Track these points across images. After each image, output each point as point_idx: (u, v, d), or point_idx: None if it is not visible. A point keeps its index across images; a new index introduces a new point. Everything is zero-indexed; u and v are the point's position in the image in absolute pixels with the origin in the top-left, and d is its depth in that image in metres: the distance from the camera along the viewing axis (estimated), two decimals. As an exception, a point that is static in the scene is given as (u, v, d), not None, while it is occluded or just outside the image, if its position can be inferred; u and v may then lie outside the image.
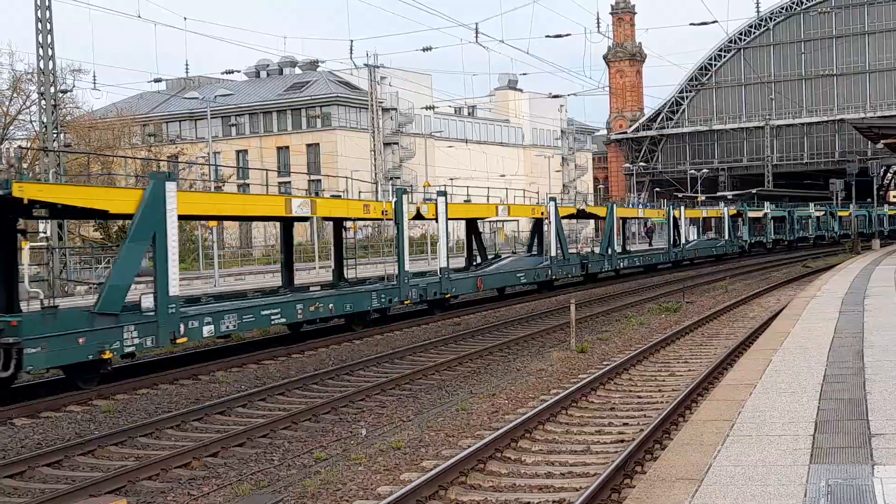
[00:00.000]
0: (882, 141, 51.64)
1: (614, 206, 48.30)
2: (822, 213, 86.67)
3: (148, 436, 14.59)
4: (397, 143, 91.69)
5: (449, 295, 31.69)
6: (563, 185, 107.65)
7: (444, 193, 32.63)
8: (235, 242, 79.77)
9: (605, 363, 19.50)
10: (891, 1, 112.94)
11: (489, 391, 17.05)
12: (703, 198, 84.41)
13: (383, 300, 27.79)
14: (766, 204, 75.31)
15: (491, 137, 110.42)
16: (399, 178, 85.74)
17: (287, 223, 28.54)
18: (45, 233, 40.09)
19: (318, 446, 13.61)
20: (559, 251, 40.15)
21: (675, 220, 56.46)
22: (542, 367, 19.42)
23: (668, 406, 14.29)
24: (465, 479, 11.13)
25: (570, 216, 46.50)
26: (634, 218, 61.57)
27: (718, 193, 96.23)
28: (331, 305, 25.49)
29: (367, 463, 12.08)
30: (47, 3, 37.92)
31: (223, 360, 21.82)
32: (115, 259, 19.44)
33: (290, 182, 76.98)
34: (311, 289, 28.26)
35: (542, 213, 40.11)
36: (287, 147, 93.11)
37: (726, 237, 63.98)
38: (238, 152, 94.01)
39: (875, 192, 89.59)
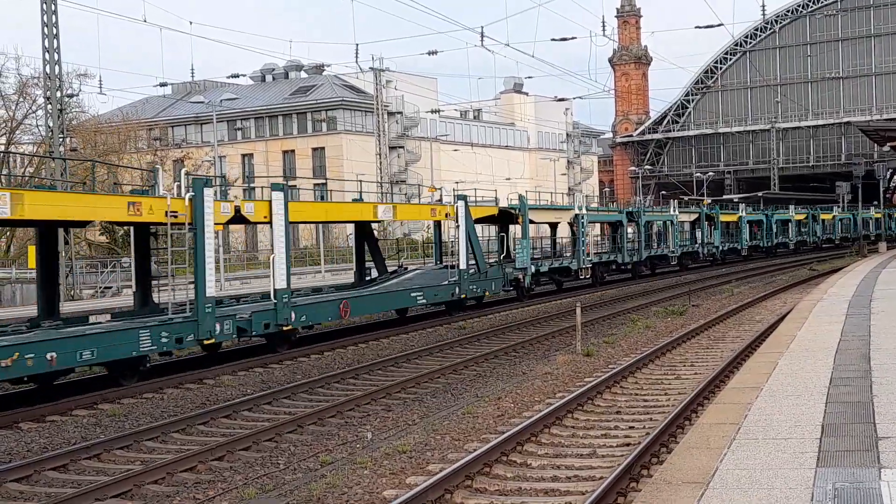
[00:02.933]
0: (888, 143, 51.57)
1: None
2: (695, 215, 61.83)
3: (153, 440, 14.59)
4: (403, 147, 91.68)
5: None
6: (569, 188, 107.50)
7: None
8: (241, 247, 79.84)
9: (610, 366, 19.47)
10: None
11: (495, 395, 17.03)
12: (709, 200, 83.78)
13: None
14: (580, 198, 49.90)
15: (496, 141, 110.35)
16: (405, 181, 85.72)
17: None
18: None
19: (323, 450, 13.60)
20: None
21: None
22: (548, 370, 19.40)
23: (674, 409, 14.27)
24: (470, 483, 11.12)
25: None
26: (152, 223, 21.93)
27: (724, 196, 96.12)
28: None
29: (373, 467, 12.06)
30: (53, 8, 37.98)
31: (229, 363, 21.83)
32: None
33: (296, 186, 76.97)
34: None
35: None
36: (293, 151, 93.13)
37: (461, 265, 31.58)
38: (244, 156, 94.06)
39: (881, 195, 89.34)
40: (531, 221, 39.60)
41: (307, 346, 24.66)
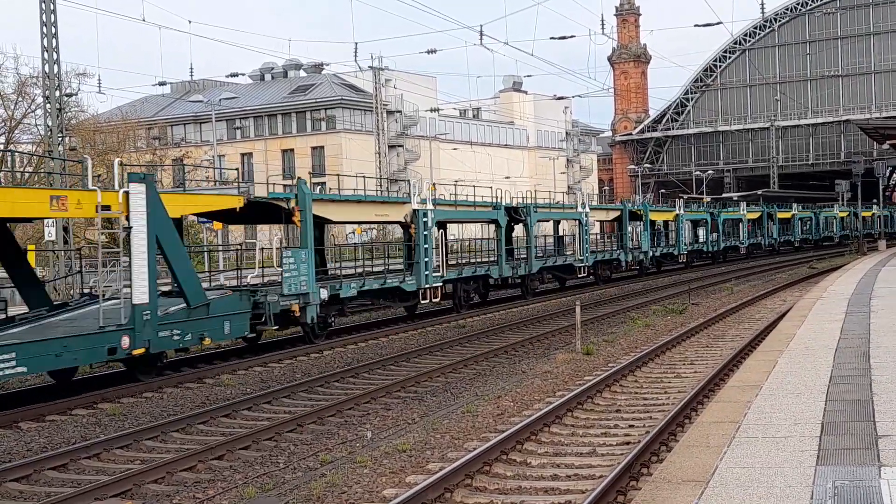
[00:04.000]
0: (888, 141, 51.60)
1: None
2: (616, 213, 49.78)
3: (153, 439, 14.59)
4: (402, 146, 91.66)
5: None
6: (569, 187, 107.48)
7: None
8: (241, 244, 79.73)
9: (610, 365, 19.47)
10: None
11: (495, 393, 17.03)
12: (709, 199, 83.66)
13: None
14: (417, 188, 30.92)
15: (496, 139, 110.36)
16: (404, 180, 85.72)
17: None
18: (50, 236, 40.13)
19: (323, 449, 13.60)
20: None
21: None
22: (548, 369, 19.40)
23: (673, 408, 14.27)
24: (470, 482, 11.11)
25: None
26: None
27: (724, 195, 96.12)
28: None
29: (373, 465, 12.06)
30: (52, 7, 37.96)
31: (228, 363, 21.82)
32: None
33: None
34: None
35: None
36: (292, 150, 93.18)
37: (136, 296, 18.86)
38: (243, 155, 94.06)
39: (881, 193, 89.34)
40: (323, 220, 27.07)
41: (306, 346, 24.63)
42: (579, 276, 42.25)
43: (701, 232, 61.85)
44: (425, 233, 29.60)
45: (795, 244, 79.40)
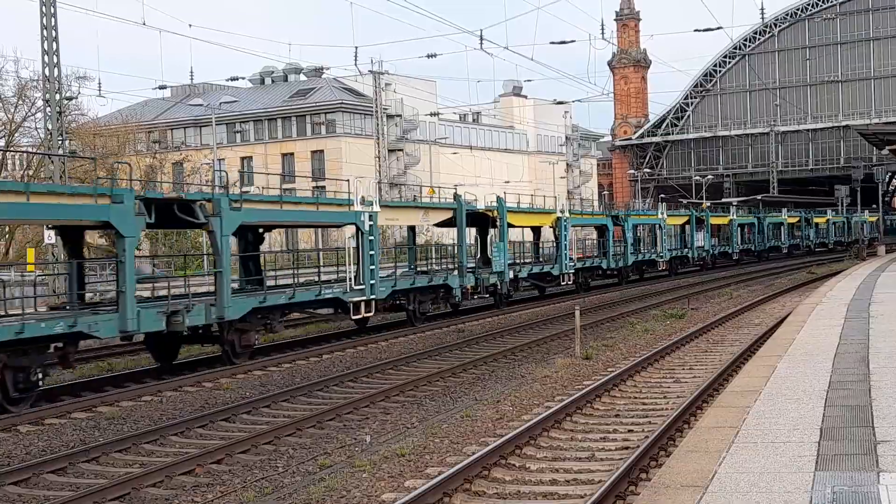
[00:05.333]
0: (887, 147, 51.58)
1: None
2: (445, 214, 33.42)
3: (152, 443, 14.59)
4: (402, 150, 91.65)
5: None
6: (568, 192, 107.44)
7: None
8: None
9: (609, 370, 19.46)
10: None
11: (494, 398, 17.03)
12: (709, 204, 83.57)
13: None
14: None
15: (495, 144, 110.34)
16: (404, 184, 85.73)
17: None
18: (50, 239, 40.10)
19: (322, 453, 13.60)
20: None
21: None
22: (547, 373, 19.40)
23: (673, 413, 14.26)
24: (469, 487, 11.11)
25: None
26: None
27: (723, 200, 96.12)
28: None
29: (372, 470, 12.06)
30: (53, 11, 37.97)
31: (227, 367, 21.81)
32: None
33: (294, 188, 76.95)
34: None
35: None
36: (292, 153, 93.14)
37: None
38: (243, 159, 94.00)
39: (880, 199, 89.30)
40: None
41: (305, 350, 24.63)
42: (359, 315, 26.91)
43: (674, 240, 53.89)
44: None
45: (734, 256, 66.01)
